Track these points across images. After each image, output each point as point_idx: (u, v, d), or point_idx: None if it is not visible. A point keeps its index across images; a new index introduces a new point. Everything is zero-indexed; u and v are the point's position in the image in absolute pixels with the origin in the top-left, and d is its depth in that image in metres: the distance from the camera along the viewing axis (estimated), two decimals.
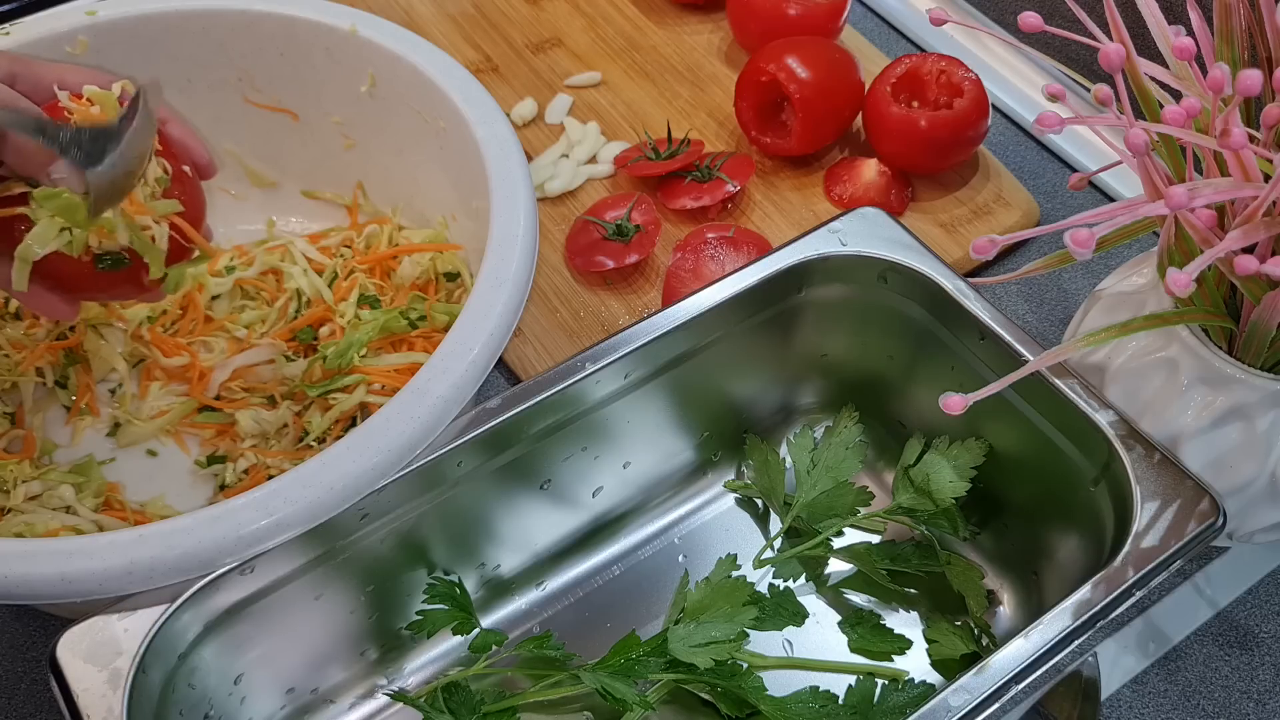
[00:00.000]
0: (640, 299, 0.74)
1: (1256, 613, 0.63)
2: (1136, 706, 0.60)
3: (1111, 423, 0.54)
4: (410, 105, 0.68)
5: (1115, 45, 0.44)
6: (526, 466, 0.58)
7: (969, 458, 0.60)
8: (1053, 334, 0.74)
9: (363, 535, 0.54)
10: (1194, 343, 0.54)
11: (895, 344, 0.64)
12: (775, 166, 0.81)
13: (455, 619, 0.58)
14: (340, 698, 0.58)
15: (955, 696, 0.47)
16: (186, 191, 0.56)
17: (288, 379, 0.67)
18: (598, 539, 0.64)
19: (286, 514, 0.49)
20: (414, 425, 0.51)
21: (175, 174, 0.56)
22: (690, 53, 0.89)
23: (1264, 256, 0.47)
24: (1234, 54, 0.52)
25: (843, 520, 0.62)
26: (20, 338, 0.68)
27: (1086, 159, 0.83)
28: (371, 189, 0.75)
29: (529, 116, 0.84)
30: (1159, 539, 0.51)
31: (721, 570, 0.59)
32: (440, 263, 0.70)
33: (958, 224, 0.78)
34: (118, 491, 0.64)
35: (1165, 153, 0.52)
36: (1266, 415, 0.54)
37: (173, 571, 0.48)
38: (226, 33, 0.69)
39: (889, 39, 0.93)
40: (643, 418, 0.61)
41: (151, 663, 0.48)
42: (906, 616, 0.62)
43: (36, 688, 0.59)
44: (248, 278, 0.71)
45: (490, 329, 0.54)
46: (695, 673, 0.55)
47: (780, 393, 0.68)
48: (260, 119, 0.73)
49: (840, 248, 0.61)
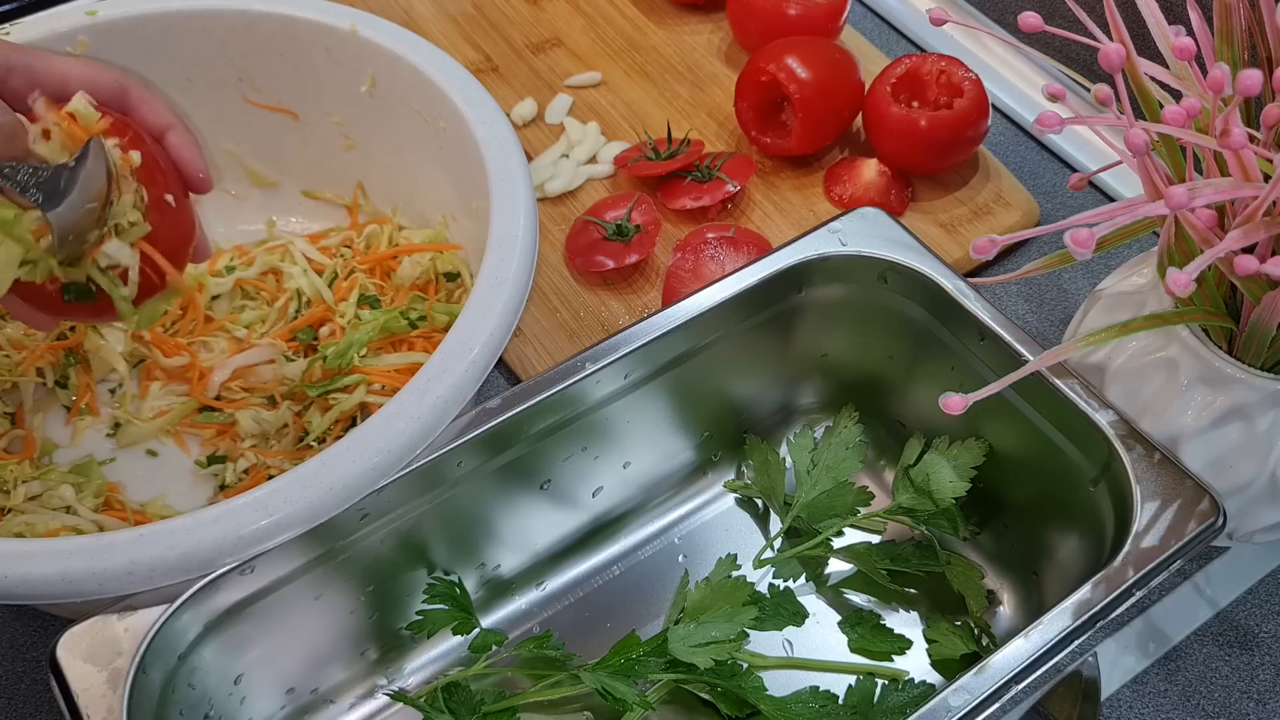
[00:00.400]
0: (640, 299, 0.74)
1: (1256, 613, 0.63)
2: (1136, 706, 0.60)
3: (1111, 423, 0.54)
4: (410, 105, 0.68)
5: (1115, 45, 0.44)
6: (526, 466, 0.58)
7: (969, 458, 0.60)
8: (1053, 334, 0.74)
9: (363, 535, 0.54)
10: (1194, 343, 0.54)
11: (895, 344, 0.64)
12: (775, 166, 0.81)
13: (455, 619, 0.58)
14: (340, 698, 0.58)
15: (955, 696, 0.47)
16: (165, 220, 0.54)
17: (288, 379, 0.67)
18: (598, 539, 0.64)
19: (286, 514, 0.49)
20: (414, 425, 0.51)
21: (153, 201, 0.53)
22: (690, 53, 0.89)
23: (1264, 256, 0.47)
24: (1234, 54, 0.52)
25: (843, 520, 0.62)
26: (20, 338, 0.68)
27: (1086, 159, 0.83)
28: (371, 189, 0.75)
29: (529, 116, 0.84)
30: (1159, 539, 0.51)
31: (721, 570, 0.59)
32: (440, 263, 0.70)
33: (958, 224, 0.78)
34: (118, 491, 0.64)
35: (1165, 153, 0.52)
36: (1266, 415, 0.54)
37: (173, 571, 0.48)
38: (226, 33, 0.69)
39: (889, 39, 0.93)
40: (643, 418, 0.61)
41: (151, 663, 0.48)
42: (906, 616, 0.62)
43: (36, 688, 0.59)
44: (248, 278, 0.71)
45: (490, 329, 0.54)
46: (695, 673, 0.55)
47: (780, 393, 0.68)
48: (260, 119, 0.73)
49: (840, 248, 0.61)
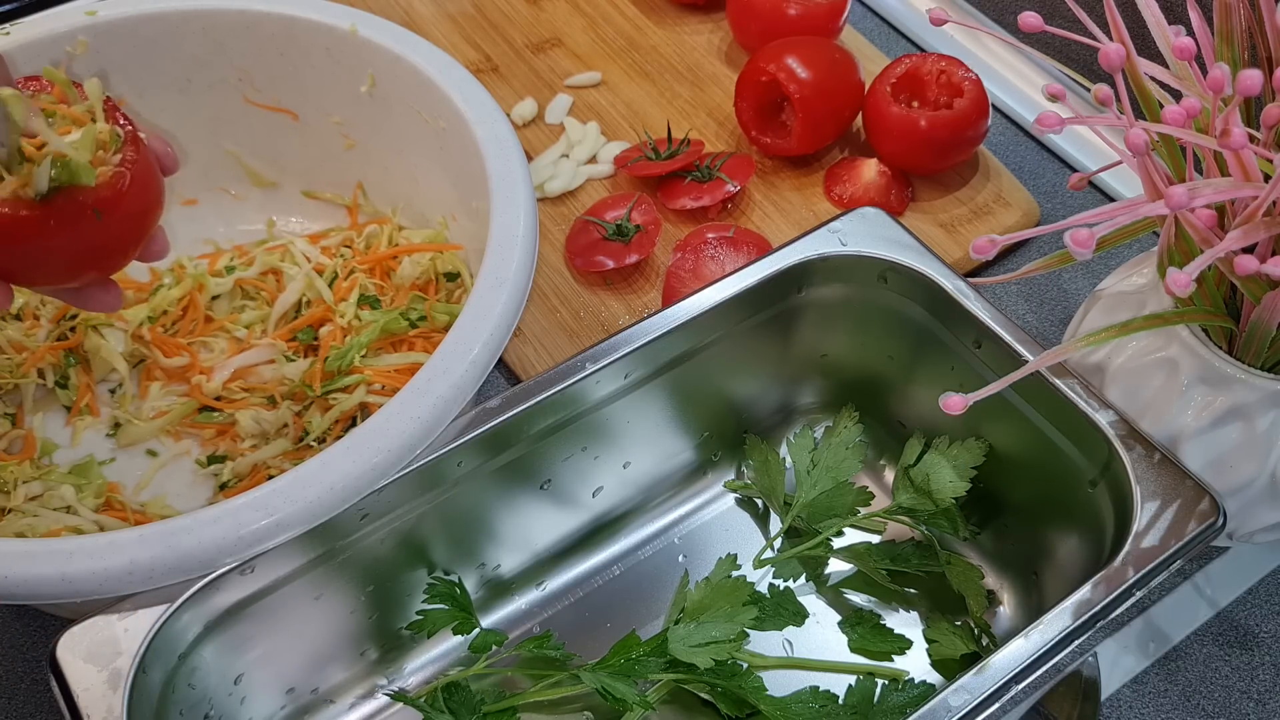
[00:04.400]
0: (640, 299, 0.74)
1: (1256, 613, 0.63)
2: (1136, 706, 0.60)
3: (1111, 423, 0.54)
4: (410, 105, 0.67)
5: (1115, 45, 0.44)
6: (526, 466, 0.58)
7: (969, 458, 0.60)
8: (1053, 334, 0.74)
9: (363, 535, 0.54)
10: (1194, 343, 0.54)
11: (895, 344, 0.64)
12: (775, 166, 0.81)
13: (455, 619, 0.58)
14: (340, 698, 0.58)
15: (955, 696, 0.47)
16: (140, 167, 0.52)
17: (288, 379, 0.67)
18: (598, 539, 0.64)
19: (286, 514, 0.49)
20: (414, 425, 0.51)
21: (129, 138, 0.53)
22: (690, 53, 0.89)
23: (1264, 256, 0.47)
24: (1234, 54, 0.52)
25: (843, 520, 0.62)
26: (21, 339, 0.68)
27: (1086, 159, 0.83)
28: (371, 189, 0.75)
29: (529, 116, 0.84)
30: (1159, 539, 0.51)
31: (721, 570, 0.59)
32: (440, 263, 0.70)
33: (958, 224, 0.78)
34: (118, 491, 0.64)
35: (1165, 153, 0.52)
36: (1266, 415, 0.54)
37: (173, 571, 0.48)
38: (226, 33, 0.69)
39: (889, 39, 0.93)
40: (643, 418, 0.61)
41: (151, 663, 0.48)
42: (906, 616, 0.62)
43: (36, 688, 0.59)
44: (248, 278, 0.71)
45: (490, 329, 0.54)
46: (695, 673, 0.55)
47: (780, 393, 0.68)
48: (260, 119, 0.73)
49: (840, 248, 0.61)
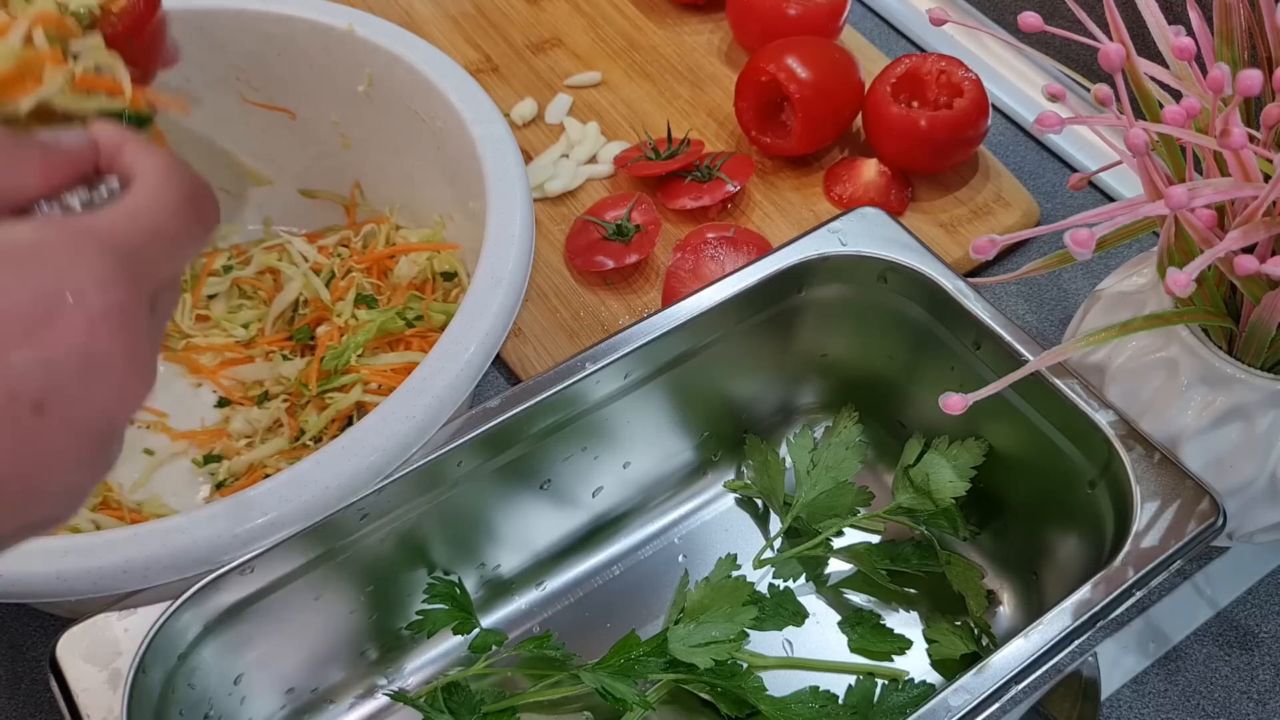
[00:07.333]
0: (640, 299, 0.74)
1: (1256, 613, 0.63)
2: (1136, 706, 0.60)
3: (1111, 423, 0.54)
4: (407, 105, 0.67)
5: (1115, 45, 0.44)
6: (526, 466, 0.58)
7: (969, 458, 0.60)
8: (1053, 334, 0.74)
9: (363, 535, 0.54)
10: (1194, 343, 0.54)
11: (895, 344, 0.64)
12: (775, 166, 0.81)
13: (455, 619, 0.57)
14: (340, 698, 0.58)
15: (955, 696, 0.47)
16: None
17: (284, 378, 0.67)
18: (598, 539, 0.64)
19: (282, 512, 0.49)
20: (409, 424, 0.51)
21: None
22: (690, 53, 0.89)
23: (1264, 256, 0.47)
24: (1234, 54, 0.52)
25: (843, 520, 0.62)
26: None
27: (1086, 159, 0.82)
28: (369, 188, 0.75)
29: (529, 116, 0.84)
30: (1159, 539, 0.51)
31: (721, 570, 0.59)
32: (437, 262, 0.69)
33: (958, 224, 0.77)
34: (114, 490, 0.64)
35: (1165, 153, 0.52)
36: (1266, 415, 0.54)
37: (169, 570, 0.48)
38: (224, 32, 0.69)
39: (889, 39, 0.93)
40: (643, 418, 0.61)
41: (151, 663, 0.48)
42: (906, 616, 0.62)
43: (36, 688, 0.59)
44: (245, 277, 0.71)
45: (486, 328, 0.54)
46: (695, 673, 0.55)
47: (780, 393, 0.68)
48: (258, 118, 0.73)
49: (840, 248, 0.61)
